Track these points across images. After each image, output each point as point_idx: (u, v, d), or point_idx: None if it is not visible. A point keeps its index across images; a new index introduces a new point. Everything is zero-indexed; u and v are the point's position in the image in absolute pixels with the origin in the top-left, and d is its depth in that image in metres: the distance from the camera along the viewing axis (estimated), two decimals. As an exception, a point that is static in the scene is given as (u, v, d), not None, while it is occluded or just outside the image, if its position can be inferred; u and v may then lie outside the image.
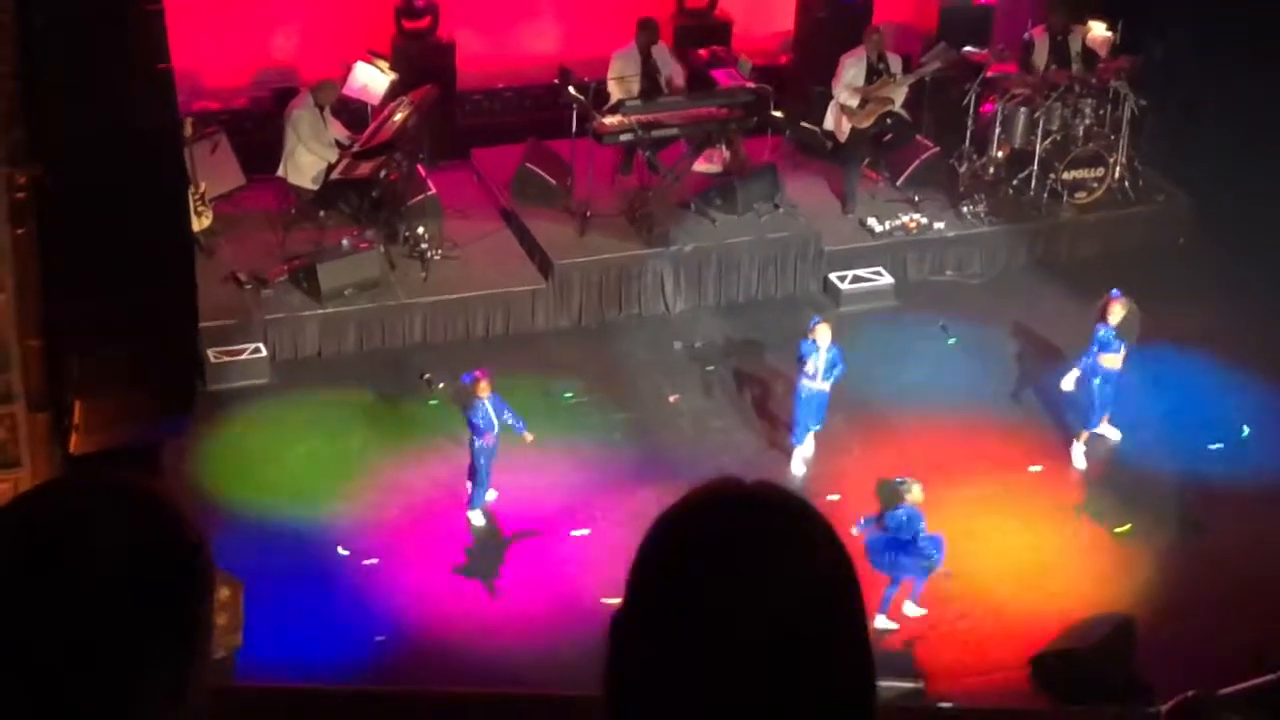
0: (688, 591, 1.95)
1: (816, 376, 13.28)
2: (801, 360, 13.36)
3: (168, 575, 2.06)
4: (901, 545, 11.75)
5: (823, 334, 13.27)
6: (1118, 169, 17.22)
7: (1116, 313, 13.57)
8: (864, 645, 2.00)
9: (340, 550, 12.59)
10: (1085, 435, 13.93)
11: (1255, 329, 15.30)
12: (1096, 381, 13.71)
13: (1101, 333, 13.61)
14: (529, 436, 12.86)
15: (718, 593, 1.94)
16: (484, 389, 12.63)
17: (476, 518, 12.92)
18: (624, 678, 1.99)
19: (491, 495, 12.98)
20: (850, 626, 1.99)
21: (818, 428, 13.61)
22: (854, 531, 11.67)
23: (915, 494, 11.74)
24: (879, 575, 11.68)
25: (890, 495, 12.03)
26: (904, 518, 11.71)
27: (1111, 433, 14.09)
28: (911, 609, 12.03)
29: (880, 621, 11.83)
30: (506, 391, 12.97)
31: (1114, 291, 13.71)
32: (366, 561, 12.52)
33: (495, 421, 12.66)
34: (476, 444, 12.72)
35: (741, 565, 1.95)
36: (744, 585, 1.94)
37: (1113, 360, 13.66)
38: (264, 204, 15.88)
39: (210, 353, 14.17)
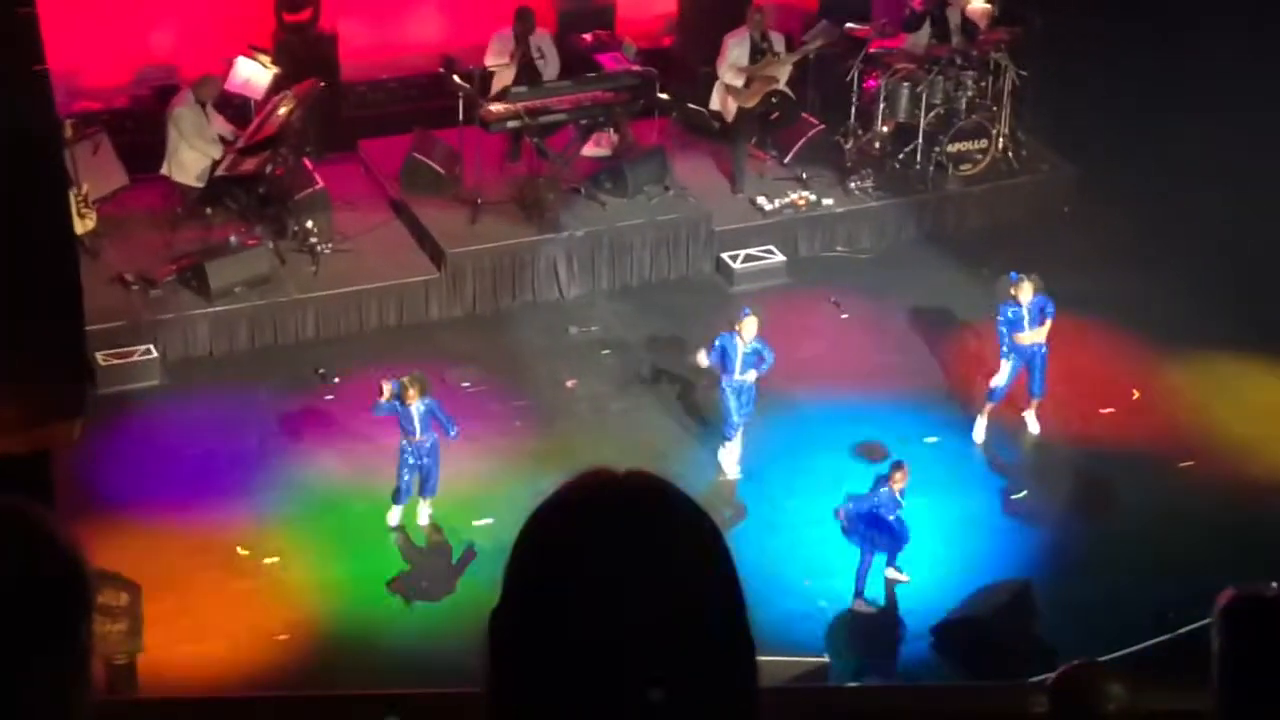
0: (561, 584, 1.97)
1: (735, 370, 13.22)
2: (722, 352, 13.19)
3: (41, 598, 2.02)
4: (880, 523, 12.02)
5: (749, 327, 13.16)
6: (1001, 140, 17.40)
7: (1026, 290, 13.57)
8: (743, 625, 2.01)
9: (240, 550, 12.49)
10: (989, 408, 14.00)
11: (1142, 294, 15.54)
12: (1013, 359, 13.68)
13: (1009, 313, 13.57)
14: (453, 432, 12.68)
15: (590, 584, 1.95)
16: (412, 395, 12.45)
17: (393, 516, 12.79)
18: (502, 673, 2.00)
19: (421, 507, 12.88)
20: (724, 605, 2.01)
21: (745, 422, 13.46)
22: (838, 513, 12.35)
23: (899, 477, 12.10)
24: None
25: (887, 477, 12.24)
26: (888, 498, 12.08)
27: (1032, 422, 14.07)
28: (894, 574, 12.29)
29: (860, 605, 12.16)
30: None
31: (1013, 274, 13.76)
32: (267, 560, 12.43)
33: (417, 426, 12.48)
34: (401, 444, 12.60)
35: (613, 555, 1.97)
36: (616, 575, 1.95)
37: (1023, 336, 13.63)
38: (149, 204, 15.69)
39: (100, 356, 13.97)
